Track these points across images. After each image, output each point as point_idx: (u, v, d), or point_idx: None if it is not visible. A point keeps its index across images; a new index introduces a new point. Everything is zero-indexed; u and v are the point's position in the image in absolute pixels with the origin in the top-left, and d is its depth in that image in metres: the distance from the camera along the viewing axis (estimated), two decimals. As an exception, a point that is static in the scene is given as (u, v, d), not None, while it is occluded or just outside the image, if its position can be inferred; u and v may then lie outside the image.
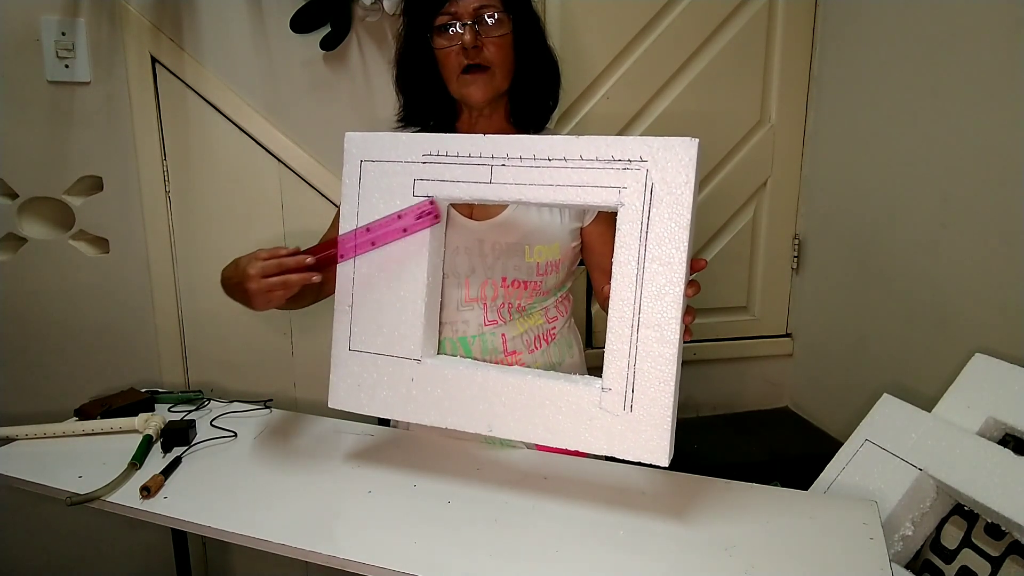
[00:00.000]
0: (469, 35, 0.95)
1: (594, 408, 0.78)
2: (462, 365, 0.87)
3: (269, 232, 1.48)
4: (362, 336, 0.90)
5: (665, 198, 0.75)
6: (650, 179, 0.76)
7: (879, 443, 1.16)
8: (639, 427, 0.76)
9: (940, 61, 1.31)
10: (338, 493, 0.91)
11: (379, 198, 0.89)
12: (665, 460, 0.76)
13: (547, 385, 0.82)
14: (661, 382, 0.75)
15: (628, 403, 0.76)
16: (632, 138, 0.79)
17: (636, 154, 0.77)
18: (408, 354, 0.88)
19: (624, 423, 0.77)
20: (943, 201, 1.32)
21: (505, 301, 1.04)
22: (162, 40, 1.35)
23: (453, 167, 0.86)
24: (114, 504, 0.89)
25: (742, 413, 1.84)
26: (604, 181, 0.79)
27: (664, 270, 0.75)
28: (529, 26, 1.02)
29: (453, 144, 0.86)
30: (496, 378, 0.84)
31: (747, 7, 1.63)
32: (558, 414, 0.80)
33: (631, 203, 0.77)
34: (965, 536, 1.06)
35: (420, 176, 0.88)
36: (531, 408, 0.82)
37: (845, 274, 1.62)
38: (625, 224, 0.77)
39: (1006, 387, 1.12)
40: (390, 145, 0.90)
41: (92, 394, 1.21)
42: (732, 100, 1.67)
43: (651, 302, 0.75)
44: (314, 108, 1.44)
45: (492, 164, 0.84)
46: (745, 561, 0.75)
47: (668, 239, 0.75)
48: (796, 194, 1.77)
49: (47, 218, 1.39)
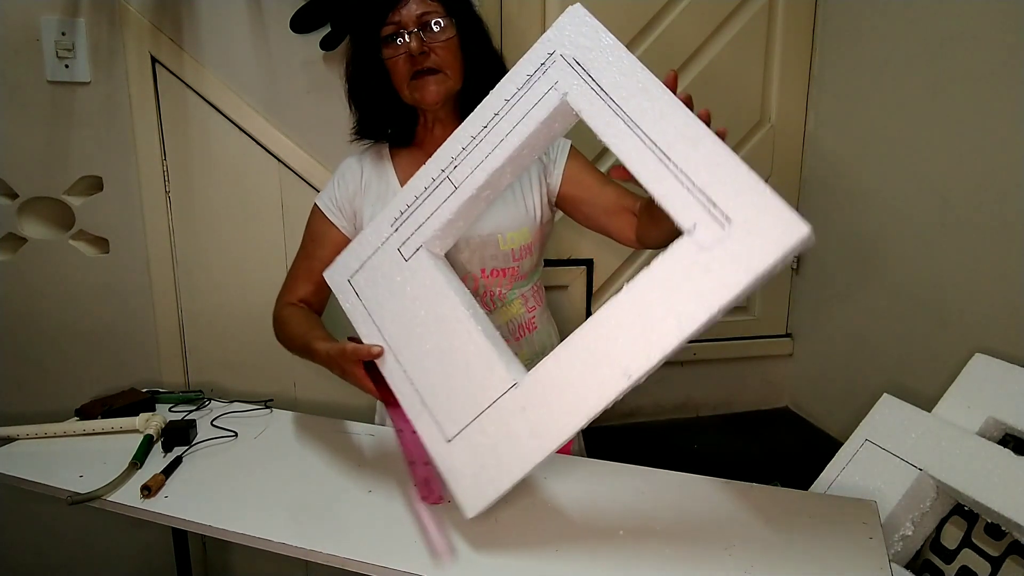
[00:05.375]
0: (415, 42, 0.98)
1: (695, 254, 0.64)
2: (550, 360, 0.72)
3: (269, 232, 1.48)
4: (449, 416, 0.79)
5: (594, 56, 0.72)
6: (568, 57, 0.73)
7: (879, 443, 1.17)
8: (750, 228, 0.61)
9: (940, 61, 1.31)
10: (338, 493, 0.91)
11: (383, 294, 0.86)
12: (804, 227, 0.59)
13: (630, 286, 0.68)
14: (738, 176, 0.64)
15: (724, 216, 0.63)
16: (529, 52, 0.77)
17: (542, 54, 0.75)
18: (501, 388, 0.75)
19: (733, 235, 0.62)
20: (943, 201, 1.32)
21: (487, 290, 1.06)
22: (162, 40, 1.35)
23: (422, 208, 0.83)
24: (115, 504, 0.89)
25: (742, 413, 1.84)
26: (536, 95, 0.75)
27: (655, 106, 0.69)
28: (472, 28, 1.05)
29: (408, 191, 0.85)
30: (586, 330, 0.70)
31: (747, 7, 1.62)
32: (672, 291, 0.65)
33: (570, 84, 0.73)
34: (965, 536, 1.06)
35: (401, 241, 0.85)
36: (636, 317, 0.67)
37: (845, 274, 1.62)
38: (588, 112, 0.72)
39: (1006, 387, 1.12)
40: (361, 245, 0.89)
41: (92, 394, 1.21)
42: (732, 100, 1.67)
43: (671, 137, 0.67)
44: (314, 108, 1.44)
45: (448, 174, 0.82)
46: (745, 561, 0.75)
47: (631, 83, 0.70)
48: (796, 194, 1.77)
49: (47, 218, 1.39)
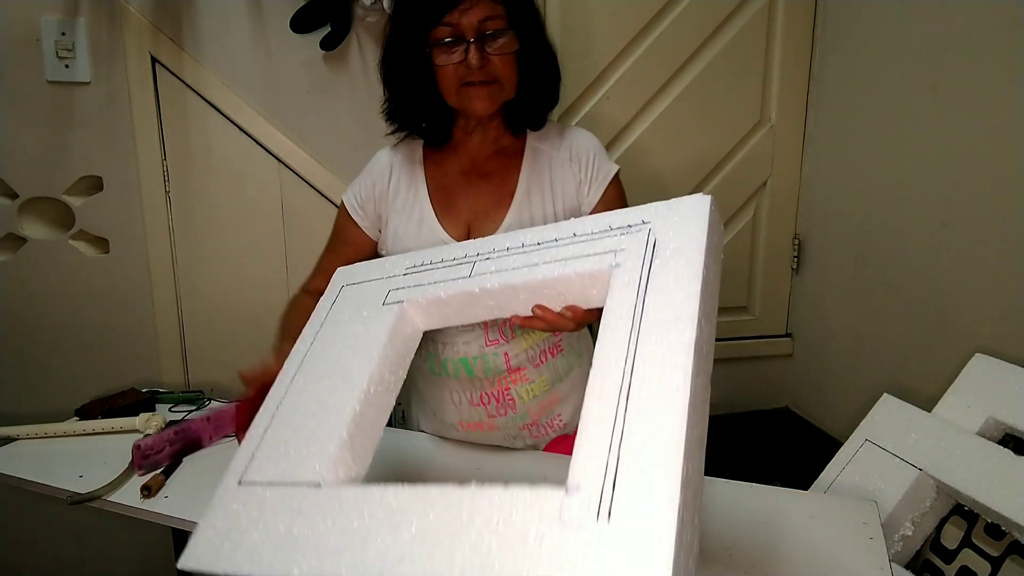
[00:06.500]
0: (475, 58, 0.88)
1: (550, 521, 0.49)
2: (373, 489, 0.59)
3: (269, 232, 1.48)
4: (264, 462, 0.68)
5: (671, 251, 0.62)
6: (652, 236, 0.64)
7: (879, 443, 1.17)
8: (621, 542, 0.46)
9: (940, 61, 1.31)
10: (338, 493, 0.90)
11: (348, 313, 0.82)
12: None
13: (487, 496, 0.53)
14: (662, 472, 0.47)
15: (605, 508, 0.48)
16: (634, 208, 0.69)
17: (637, 219, 0.67)
18: (308, 478, 0.64)
19: (598, 538, 0.47)
20: (943, 201, 1.32)
21: (507, 320, 1.02)
22: (162, 40, 1.35)
23: (434, 271, 0.78)
24: (115, 504, 0.89)
25: (742, 413, 1.84)
26: (596, 248, 0.67)
27: (669, 321, 0.56)
28: (534, 38, 0.96)
29: (444, 251, 0.80)
30: (410, 500, 0.56)
31: (747, 7, 1.62)
32: (493, 536, 0.51)
33: (627, 262, 0.64)
34: (965, 536, 1.06)
35: (397, 286, 0.80)
36: (452, 534, 0.52)
37: (845, 274, 1.62)
38: (618, 283, 0.62)
39: (1006, 387, 1.12)
40: (376, 267, 0.86)
41: (92, 394, 1.21)
42: (732, 100, 1.67)
43: (649, 364, 0.54)
44: (314, 108, 1.44)
45: (475, 260, 0.76)
46: (745, 561, 0.75)
47: (675, 288, 0.58)
48: (796, 194, 1.76)
49: (47, 218, 1.39)
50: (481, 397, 1.02)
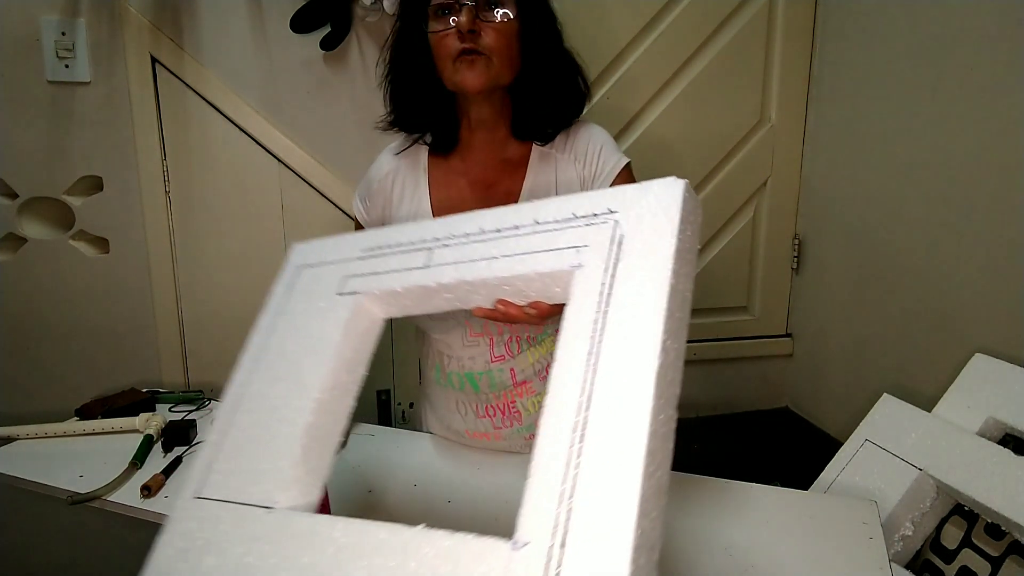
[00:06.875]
0: (466, 16, 0.86)
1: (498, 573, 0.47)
2: (322, 522, 0.58)
3: (269, 232, 1.48)
4: (219, 476, 0.67)
5: (637, 252, 0.55)
6: (618, 231, 0.58)
7: (879, 443, 1.17)
8: None
9: (940, 61, 1.31)
10: (338, 493, 0.90)
11: (302, 303, 0.78)
12: None
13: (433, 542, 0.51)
14: (615, 527, 0.45)
15: (554, 567, 0.45)
16: (601, 191, 0.63)
17: (603, 207, 0.61)
18: (260, 500, 0.62)
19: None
20: (943, 201, 1.32)
21: (512, 335, 0.99)
22: (162, 40, 1.35)
23: (389, 257, 0.74)
24: (115, 503, 0.89)
25: (742, 413, 1.84)
26: (558, 242, 0.61)
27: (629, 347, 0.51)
28: (537, 16, 0.93)
29: (400, 233, 0.75)
30: (358, 538, 0.55)
31: (747, 7, 1.62)
32: None
33: (590, 262, 0.57)
34: (965, 536, 1.06)
35: (352, 272, 0.76)
36: None
37: (845, 274, 1.62)
38: (578, 290, 0.56)
39: (1006, 387, 1.12)
40: (332, 247, 0.81)
41: (92, 394, 1.21)
42: (732, 100, 1.67)
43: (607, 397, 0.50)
44: (314, 108, 1.44)
45: (432, 246, 0.72)
46: (745, 561, 0.75)
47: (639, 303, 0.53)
48: (796, 194, 1.77)
49: (47, 218, 1.39)
50: (487, 409, 1.02)
